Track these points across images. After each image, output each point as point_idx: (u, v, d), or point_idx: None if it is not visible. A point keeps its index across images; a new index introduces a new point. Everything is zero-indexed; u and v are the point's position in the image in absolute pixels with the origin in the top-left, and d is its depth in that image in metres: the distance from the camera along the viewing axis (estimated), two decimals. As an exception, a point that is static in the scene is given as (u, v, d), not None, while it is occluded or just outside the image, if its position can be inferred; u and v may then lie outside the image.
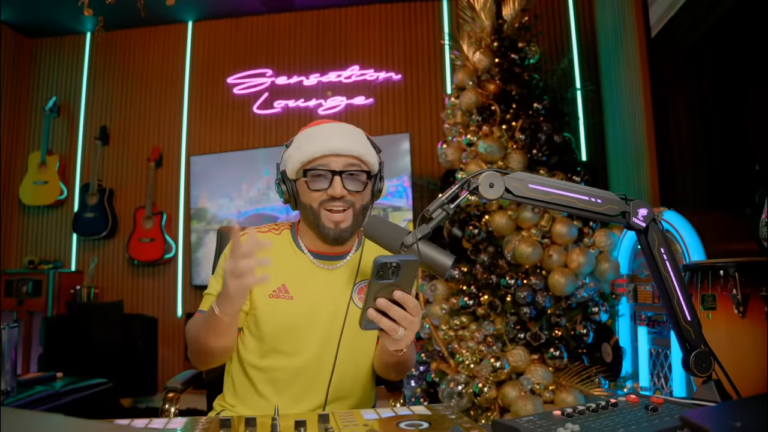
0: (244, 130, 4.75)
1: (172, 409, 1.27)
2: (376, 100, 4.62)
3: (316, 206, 1.21)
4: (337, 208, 1.20)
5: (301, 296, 1.23)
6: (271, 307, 1.22)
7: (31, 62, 5.08)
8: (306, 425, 0.80)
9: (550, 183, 1.05)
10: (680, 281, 1.06)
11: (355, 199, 1.22)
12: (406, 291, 0.96)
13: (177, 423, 0.86)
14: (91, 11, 2.29)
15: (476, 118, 3.04)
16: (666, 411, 0.90)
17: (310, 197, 1.21)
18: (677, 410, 0.91)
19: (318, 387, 1.22)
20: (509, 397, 2.51)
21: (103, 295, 4.67)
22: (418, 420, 0.84)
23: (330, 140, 1.20)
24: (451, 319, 2.86)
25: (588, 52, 4.23)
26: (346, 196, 1.20)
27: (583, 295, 2.63)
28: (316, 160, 1.20)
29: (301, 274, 1.26)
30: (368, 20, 4.75)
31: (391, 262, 0.89)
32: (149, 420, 0.86)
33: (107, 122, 4.84)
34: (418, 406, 0.93)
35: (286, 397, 1.22)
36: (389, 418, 0.86)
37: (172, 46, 4.90)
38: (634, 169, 3.36)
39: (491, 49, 3.14)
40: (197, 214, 4.62)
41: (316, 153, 1.19)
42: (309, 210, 1.22)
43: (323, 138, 1.21)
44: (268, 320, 1.22)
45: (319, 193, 1.20)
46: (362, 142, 1.24)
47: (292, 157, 1.22)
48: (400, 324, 0.96)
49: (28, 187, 4.74)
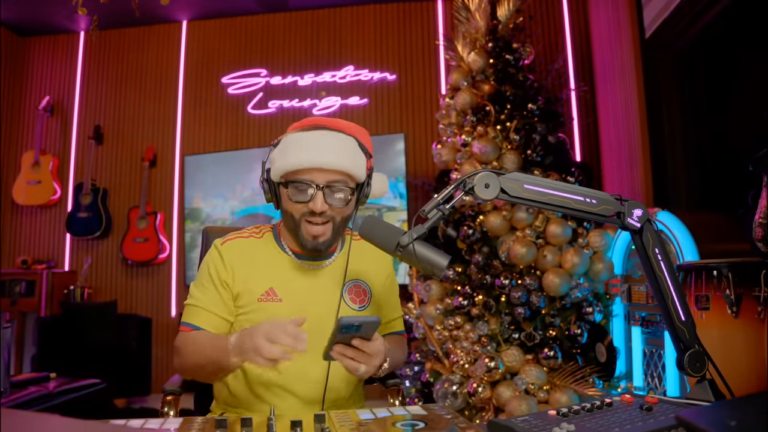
0: (238, 130, 4.74)
1: (171, 412, 1.26)
2: (370, 101, 4.62)
3: (297, 217, 1.20)
4: (316, 221, 1.19)
5: (289, 298, 1.23)
6: (261, 312, 1.22)
7: (25, 61, 5.04)
8: (302, 425, 0.80)
9: (545, 183, 1.06)
10: (675, 281, 1.07)
11: (335, 213, 1.21)
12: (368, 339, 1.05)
13: (173, 423, 0.85)
14: (86, 10, 2.28)
15: (471, 118, 3.04)
16: (661, 411, 0.91)
17: (291, 207, 1.21)
18: (672, 410, 0.91)
19: (312, 387, 1.22)
20: (504, 397, 2.52)
21: (97, 295, 4.64)
22: (414, 420, 0.84)
23: (316, 153, 1.16)
24: (446, 319, 2.87)
25: (582, 52, 4.24)
26: (326, 211, 1.19)
27: (578, 295, 2.64)
28: (299, 173, 1.18)
29: (287, 276, 1.26)
30: (363, 20, 4.74)
31: (353, 323, 0.98)
32: (145, 420, 0.86)
33: (101, 122, 4.82)
34: (414, 407, 0.93)
35: (281, 398, 1.22)
36: (385, 418, 0.87)
37: (166, 45, 4.88)
38: (628, 169, 3.38)
39: (486, 49, 3.14)
40: (191, 214, 4.60)
41: (300, 165, 1.17)
42: (290, 218, 1.22)
43: (309, 150, 1.17)
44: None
45: (300, 205, 1.19)
46: (350, 154, 1.20)
47: (276, 162, 1.20)
48: (358, 361, 1.04)
49: (22, 187, 4.71)
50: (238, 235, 1.30)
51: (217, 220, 4.54)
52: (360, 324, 0.99)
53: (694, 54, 2.96)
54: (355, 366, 1.04)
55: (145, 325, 4.36)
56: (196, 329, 1.22)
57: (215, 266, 1.25)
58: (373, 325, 1.03)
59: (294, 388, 1.22)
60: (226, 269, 1.24)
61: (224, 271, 1.24)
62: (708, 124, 2.89)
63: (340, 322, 0.96)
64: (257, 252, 1.27)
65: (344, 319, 0.96)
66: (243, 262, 1.25)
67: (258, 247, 1.28)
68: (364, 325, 1.00)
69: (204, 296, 1.24)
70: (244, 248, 1.27)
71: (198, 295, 1.25)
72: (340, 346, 1.04)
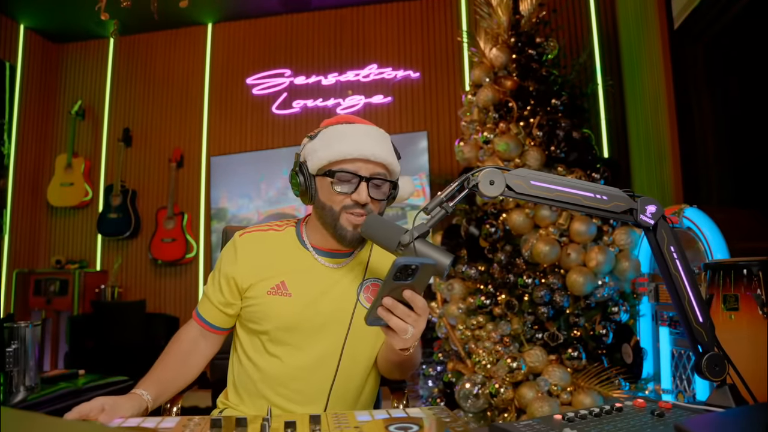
0: (263, 130, 4.78)
1: (174, 409, 1.27)
2: (394, 99, 4.60)
3: (338, 209, 1.18)
4: (358, 212, 1.18)
5: (300, 293, 1.21)
6: (268, 305, 1.21)
7: (58, 67, 5.20)
8: (296, 426, 0.79)
9: (553, 180, 1.02)
10: (691, 281, 1.02)
11: (374, 207, 1.20)
12: (417, 292, 0.94)
13: (169, 422, 0.85)
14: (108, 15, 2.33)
15: (493, 115, 2.99)
16: (673, 417, 0.87)
17: (332, 199, 1.18)
18: (685, 416, 0.87)
19: (319, 387, 1.20)
20: (526, 398, 2.47)
21: (127, 295, 4.76)
22: (407, 423, 0.82)
23: (363, 144, 1.17)
24: (468, 318, 2.83)
25: (609, 45, 4.14)
26: (368, 203, 1.18)
27: (603, 294, 2.57)
28: (345, 162, 1.17)
29: (302, 271, 1.24)
30: (386, 18, 4.73)
31: (410, 264, 0.87)
32: (142, 419, 0.86)
33: (130, 124, 4.93)
34: (414, 409, 0.91)
35: (285, 396, 1.21)
36: (381, 420, 0.85)
37: (192, 48, 4.96)
38: (657, 165, 3.27)
39: (508, 45, 3.09)
40: (218, 214, 4.67)
41: (347, 155, 1.16)
42: (327, 210, 1.20)
43: (355, 140, 1.17)
44: (265, 317, 1.21)
45: (342, 197, 1.17)
46: (390, 149, 1.22)
47: (317, 153, 1.18)
48: (406, 322, 0.94)
49: (56, 189, 4.86)
50: (257, 228, 1.31)
51: (242, 220, 4.59)
52: (416, 267, 0.86)
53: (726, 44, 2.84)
54: (404, 327, 0.94)
55: (172, 324, 4.44)
56: (200, 318, 1.30)
57: (226, 258, 1.28)
58: (429, 271, 0.89)
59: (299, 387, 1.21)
60: (237, 262, 1.25)
61: (233, 264, 1.25)
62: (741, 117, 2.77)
63: (395, 263, 0.84)
64: (274, 245, 1.27)
65: (401, 260, 0.84)
66: (256, 255, 1.25)
67: (276, 240, 1.28)
68: (421, 269, 0.86)
69: (210, 287, 1.30)
70: (260, 241, 1.28)
71: (207, 285, 1.31)
72: (390, 300, 0.92)
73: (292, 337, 1.21)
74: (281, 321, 1.20)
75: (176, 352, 1.26)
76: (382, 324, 0.95)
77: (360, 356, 1.24)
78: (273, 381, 1.22)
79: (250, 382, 1.24)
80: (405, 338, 0.96)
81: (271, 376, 1.22)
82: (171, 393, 1.23)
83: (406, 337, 0.96)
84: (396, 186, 1.26)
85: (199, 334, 1.30)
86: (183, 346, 1.27)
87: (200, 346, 1.29)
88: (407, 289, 0.92)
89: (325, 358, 1.20)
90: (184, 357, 1.26)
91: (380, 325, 0.96)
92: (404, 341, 0.97)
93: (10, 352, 2.50)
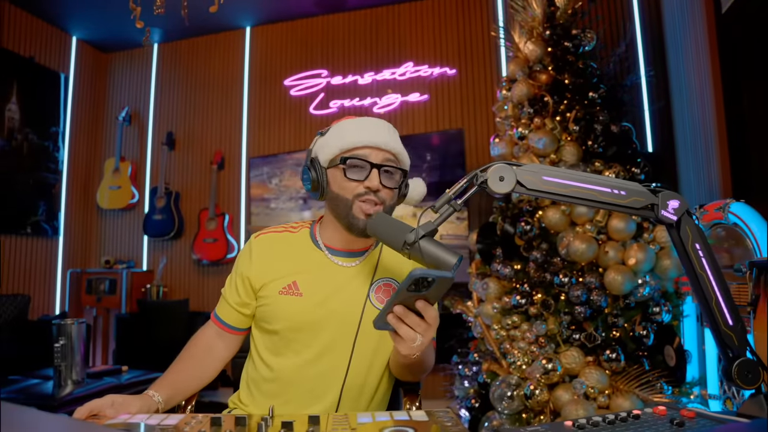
0: (301, 130, 4.84)
1: (189, 406, 1.29)
2: (431, 96, 4.56)
3: (350, 197, 1.19)
4: (371, 200, 1.18)
5: (311, 293, 1.21)
6: (279, 304, 1.22)
7: (107, 75, 5.42)
8: (293, 427, 0.78)
9: (567, 175, 0.97)
10: (719, 281, 0.95)
11: (386, 197, 1.20)
12: (431, 303, 0.92)
13: (173, 419, 0.86)
14: (143, 23, 2.39)
15: (528, 110, 2.92)
16: (695, 427, 0.81)
17: (345, 187, 1.19)
18: (708, 426, 0.81)
19: (330, 387, 1.20)
20: (562, 400, 2.39)
21: (171, 294, 4.90)
22: (403, 426, 0.80)
23: (373, 133, 1.21)
24: (503, 318, 2.77)
25: (653, 34, 3.97)
26: (380, 191, 1.18)
27: (643, 293, 2.46)
28: (356, 150, 1.19)
29: (314, 271, 1.24)
30: (421, 16, 4.70)
31: (426, 277, 0.85)
32: (148, 416, 0.88)
33: (173, 128, 5.08)
34: (418, 411, 0.88)
35: (297, 396, 1.21)
36: (379, 422, 0.83)
37: (231, 51, 5.07)
38: (704, 158, 3.11)
39: (543, 37, 3.00)
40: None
41: (359, 143, 1.19)
42: (340, 200, 1.20)
43: (366, 129, 1.21)
44: (277, 317, 1.22)
45: (354, 184, 1.18)
46: (399, 141, 1.25)
47: (329, 144, 1.22)
48: (415, 330, 0.93)
49: (105, 192, 5.07)
50: (272, 230, 1.33)
51: (281, 221, 4.66)
52: (433, 280, 0.85)
53: (779, 28, 2.67)
54: (413, 336, 0.92)
55: (215, 323, 4.54)
56: (217, 318, 1.33)
57: (242, 259, 1.30)
58: (445, 283, 0.87)
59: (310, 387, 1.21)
60: (251, 262, 1.27)
61: (248, 265, 1.27)
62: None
63: (411, 274, 0.83)
64: (288, 246, 1.28)
65: (417, 272, 0.83)
66: (270, 255, 1.27)
67: (290, 241, 1.29)
68: (437, 282, 0.86)
69: (227, 287, 1.32)
70: (274, 242, 1.30)
71: (225, 286, 1.34)
72: (401, 309, 0.91)
73: (303, 337, 1.21)
74: (291, 320, 1.21)
75: (191, 354, 1.29)
76: (390, 329, 0.94)
77: (371, 356, 1.22)
78: (285, 381, 1.22)
79: (263, 381, 1.25)
80: (412, 346, 0.94)
81: (282, 376, 1.22)
82: (185, 394, 1.25)
83: (413, 346, 0.94)
84: (406, 174, 1.27)
85: (216, 335, 1.32)
86: (198, 349, 1.30)
87: (217, 347, 1.31)
88: (420, 300, 0.91)
89: (335, 358, 1.19)
90: (198, 359, 1.28)
91: (388, 329, 0.94)
92: (410, 348, 0.95)
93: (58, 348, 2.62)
